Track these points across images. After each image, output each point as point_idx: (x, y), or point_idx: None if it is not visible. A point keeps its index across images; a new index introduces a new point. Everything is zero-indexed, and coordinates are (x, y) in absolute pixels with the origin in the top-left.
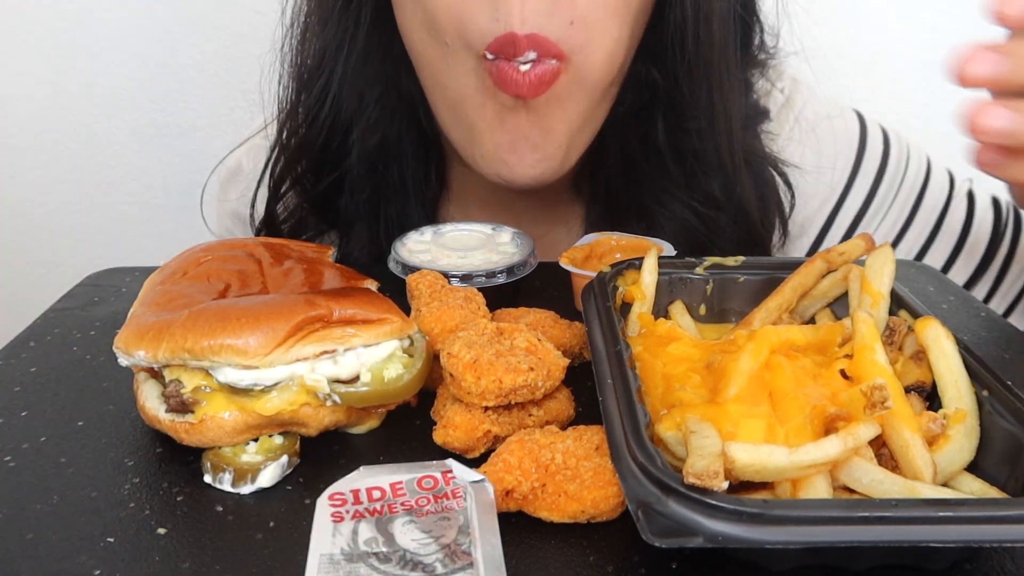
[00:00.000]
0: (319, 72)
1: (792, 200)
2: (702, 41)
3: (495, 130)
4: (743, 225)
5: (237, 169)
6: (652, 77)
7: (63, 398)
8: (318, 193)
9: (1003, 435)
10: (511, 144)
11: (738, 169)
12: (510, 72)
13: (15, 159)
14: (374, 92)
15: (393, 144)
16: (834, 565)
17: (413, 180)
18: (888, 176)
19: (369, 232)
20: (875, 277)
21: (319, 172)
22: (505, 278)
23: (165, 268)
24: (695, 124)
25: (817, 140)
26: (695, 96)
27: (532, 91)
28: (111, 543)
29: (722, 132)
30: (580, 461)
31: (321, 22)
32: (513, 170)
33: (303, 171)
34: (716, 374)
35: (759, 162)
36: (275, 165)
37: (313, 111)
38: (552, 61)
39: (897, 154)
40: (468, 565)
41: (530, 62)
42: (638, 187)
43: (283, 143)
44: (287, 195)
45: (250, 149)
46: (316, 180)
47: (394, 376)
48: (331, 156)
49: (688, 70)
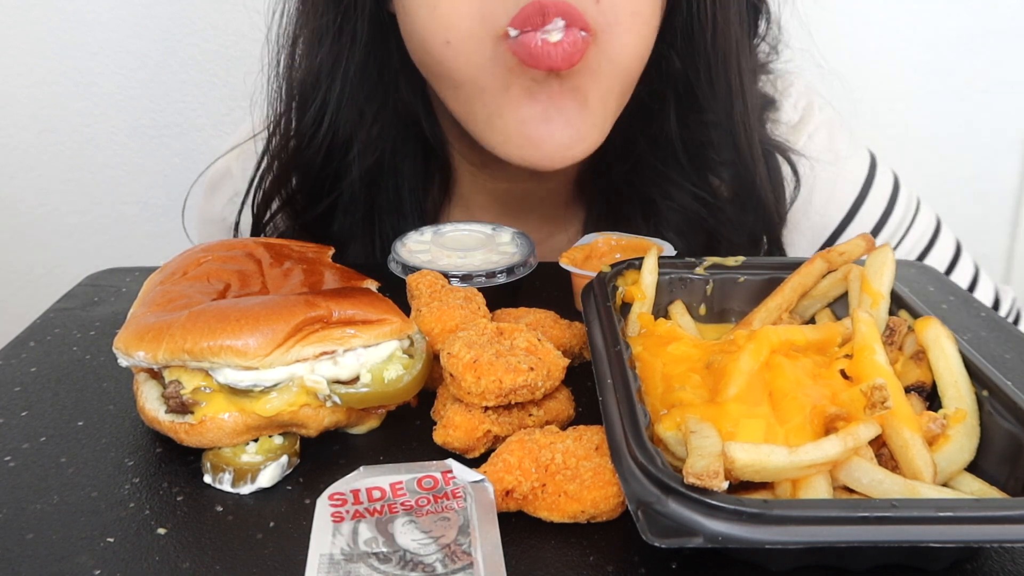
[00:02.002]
0: (315, 91)
1: (797, 189)
2: (719, 30)
3: (521, 106)
4: (759, 215)
5: (226, 173)
6: (669, 64)
7: (63, 398)
8: (312, 219)
9: (1003, 435)
10: (543, 115)
11: (756, 159)
12: (538, 45)
13: (15, 159)
14: (373, 107)
15: (390, 159)
16: (834, 565)
17: (410, 193)
18: (887, 231)
19: (363, 251)
20: (875, 277)
21: (314, 195)
22: (505, 278)
23: (165, 268)
24: (711, 116)
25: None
26: (715, 87)
27: (566, 61)
28: (111, 543)
29: (739, 123)
30: (580, 461)
31: (315, 38)
32: (541, 148)
33: (294, 191)
34: (716, 374)
35: (769, 150)
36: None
37: (310, 130)
38: (581, 32)
39: (904, 207)
40: (468, 565)
41: (559, 29)
42: (643, 181)
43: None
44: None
45: (240, 154)
46: (309, 203)
47: (394, 377)
48: (329, 176)
49: (706, 60)
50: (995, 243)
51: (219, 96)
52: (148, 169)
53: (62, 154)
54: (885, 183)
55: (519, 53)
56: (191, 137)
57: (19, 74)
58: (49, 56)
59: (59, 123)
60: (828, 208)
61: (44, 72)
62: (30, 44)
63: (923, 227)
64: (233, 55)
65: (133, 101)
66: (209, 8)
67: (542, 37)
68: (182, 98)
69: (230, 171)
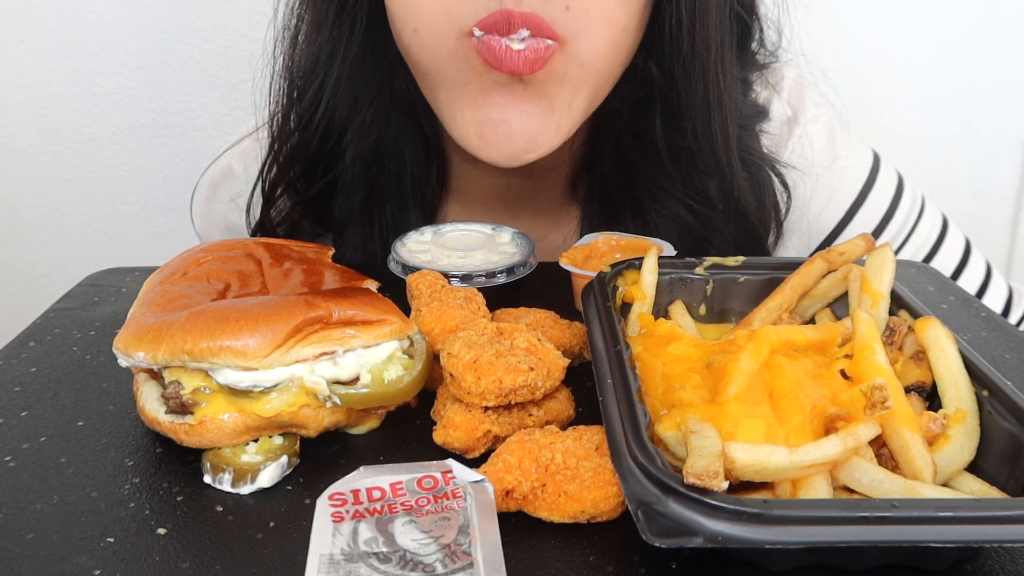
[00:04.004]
0: (313, 75)
1: (788, 201)
2: (698, 40)
3: (480, 106)
4: (740, 226)
5: (228, 172)
6: (649, 71)
7: (63, 398)
8: (310, 196)
9: (1003, 435)
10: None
11: (735, 171)
12: (502, 49)
13: (15, 159)
14: (369, 94)
15: (390, 145)
16: (834, 565)
17: (412, 182)
18: (889, 232)
19: (362, 235)
20: (875, 277)
21: (312, 175)
22: (505, 278)
23: (165, 268)
24: (690, 124)
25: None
26: (691, 95)
27: (528, 67)
28: (111, 543)
29: (717, 133)
30: (580, 461)
31: (315, 25)
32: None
33: (296, 175)
34: (716, 374)
35: (757, 163)
36: (269, 171)
37: (307, 115)
38: (547, 40)
39: (908, 209)
40: (468, 565)
41: (523, 40)
42: (634, 185)
43: (276, 149)
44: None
45: (242, 152)
46: (308, 184)
47: (394, 378)
48: (324, 158)
49: (684, 69)
50: (995, 243)
51: (219, 96)
52: (148, 169)
53: (62, 154)
54: (887, 183)
55: (483, 53)
56: (191, 137)
57: (19, 74)
58: (49, 56)
59: (59, 123)
60: (826, 210)
61: (44, 72)
62: (30, 44)
63: (929, 228)
64: (233, 55)
65: (133, 101)
66: (209, 8)
67: (506, 43)
68: (182, 98)
69: (232, 171)
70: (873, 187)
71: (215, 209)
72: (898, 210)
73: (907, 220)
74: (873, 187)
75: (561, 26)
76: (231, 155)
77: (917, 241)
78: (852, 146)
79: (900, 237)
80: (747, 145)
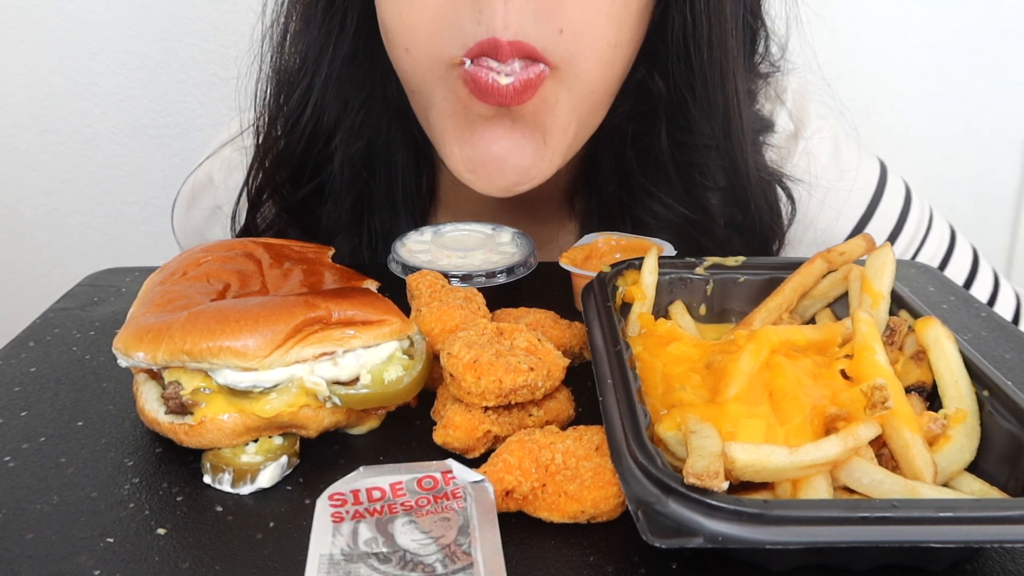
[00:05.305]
0: (301, 74)
1: (792, 213)
2: (715, 46)
3: (467, 140)
4: (752, 240)
5: (208, 183)
6: (652, 85)
7: (63, 398)
8: (297, 202)
9: (1003, 435)
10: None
11: (752, 183)
12: (488, 82)
13: (15, 159)
14: (359, 96)
15: (381, 150)
16: (834, 565)
17: (403, 189)
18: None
19: (351, 244)
20: (875, 277)
21: (298, 180)
22: (505, 278)
23: (164, 268)
24: (703, 138)
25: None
26: (710, 106)
27: (516, 98)
28: (111, 543)
29: (736, 145)
30: (580, 461)
31: (304, 21)
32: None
33: (282, 180)
34: (716, 374)
35: (765, 176)
36: (256, 175)
37: (294, 115)
38: (539, 65)
39: (916, 222)
40: (468, 565)
41: (510, 74)
42: (634, 200)
43: (263, 152)
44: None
45: (222, 161)
46: (295, 189)
47: (394, 378)
48: (311, 162)
49: (702, 78)
50: (995, 243)
51: (219, 96)
52: (148, 169)
53: (62, 154)
54: (895, 196)
55: (468, 84)
56: (191, 137)
57: (19, 74)
58: (49, 56)
59: (59, 123)
60: (834, 227)
61: (44, 72)
62: (30, 44)
63: (937, 242)
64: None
65: (133, 101)
66: (209, 8)
67: (493, 76)
68: (182, 98)
69: (212, 180)
70: (880, 202)
71: (193, 217)
72: (906, 224)
73: (916, 235)
74: (880, 202)
75: (552, 51)
76: (211, 164)
77: (926, 256)
78: (859, 159)
79: (910, 251)
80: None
